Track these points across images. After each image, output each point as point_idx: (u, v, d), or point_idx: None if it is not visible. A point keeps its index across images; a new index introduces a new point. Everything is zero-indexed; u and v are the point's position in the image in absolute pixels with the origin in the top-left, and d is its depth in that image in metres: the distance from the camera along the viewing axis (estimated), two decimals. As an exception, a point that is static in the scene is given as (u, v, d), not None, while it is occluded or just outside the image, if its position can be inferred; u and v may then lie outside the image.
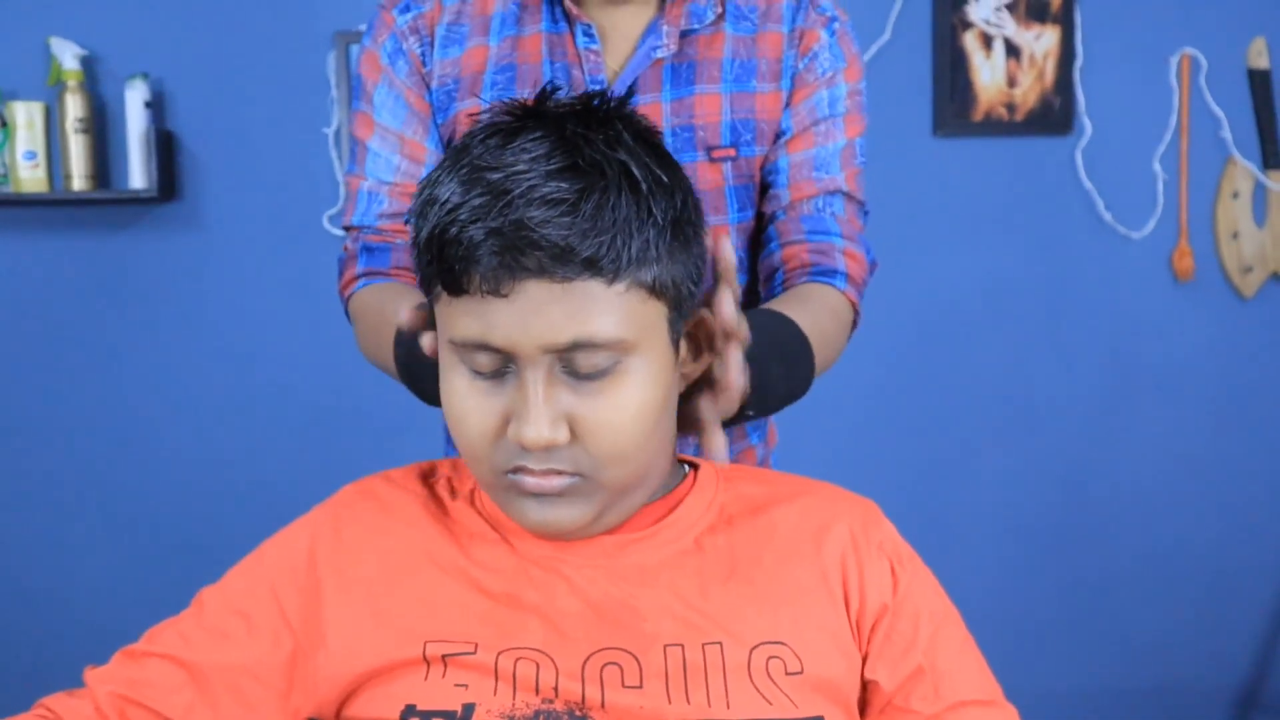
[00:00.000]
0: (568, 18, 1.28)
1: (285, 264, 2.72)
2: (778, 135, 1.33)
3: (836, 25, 1.32)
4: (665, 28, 1.27)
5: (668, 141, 1.26)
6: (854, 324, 1.33)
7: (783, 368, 1.08)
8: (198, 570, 1.18)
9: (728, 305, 0.92)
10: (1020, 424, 2.92)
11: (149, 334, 2.71)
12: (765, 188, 1.35)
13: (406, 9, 1.31)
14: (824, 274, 1.29)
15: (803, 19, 1.31)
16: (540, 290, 0.83)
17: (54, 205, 2.65)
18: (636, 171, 0.85)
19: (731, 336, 0.93)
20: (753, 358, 1.01)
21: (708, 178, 1.32)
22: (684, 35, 1.29)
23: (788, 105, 1.32)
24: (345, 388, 2.75)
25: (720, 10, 1.30)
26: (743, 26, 1.31)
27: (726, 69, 1.30)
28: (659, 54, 1.28)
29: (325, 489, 1.06)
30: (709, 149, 1.30)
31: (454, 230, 0.83)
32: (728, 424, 1.07)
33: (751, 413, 1.06)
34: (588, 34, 1.27)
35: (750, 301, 1.37)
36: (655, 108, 1.29)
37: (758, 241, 1.38)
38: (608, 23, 1.29)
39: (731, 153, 1.31)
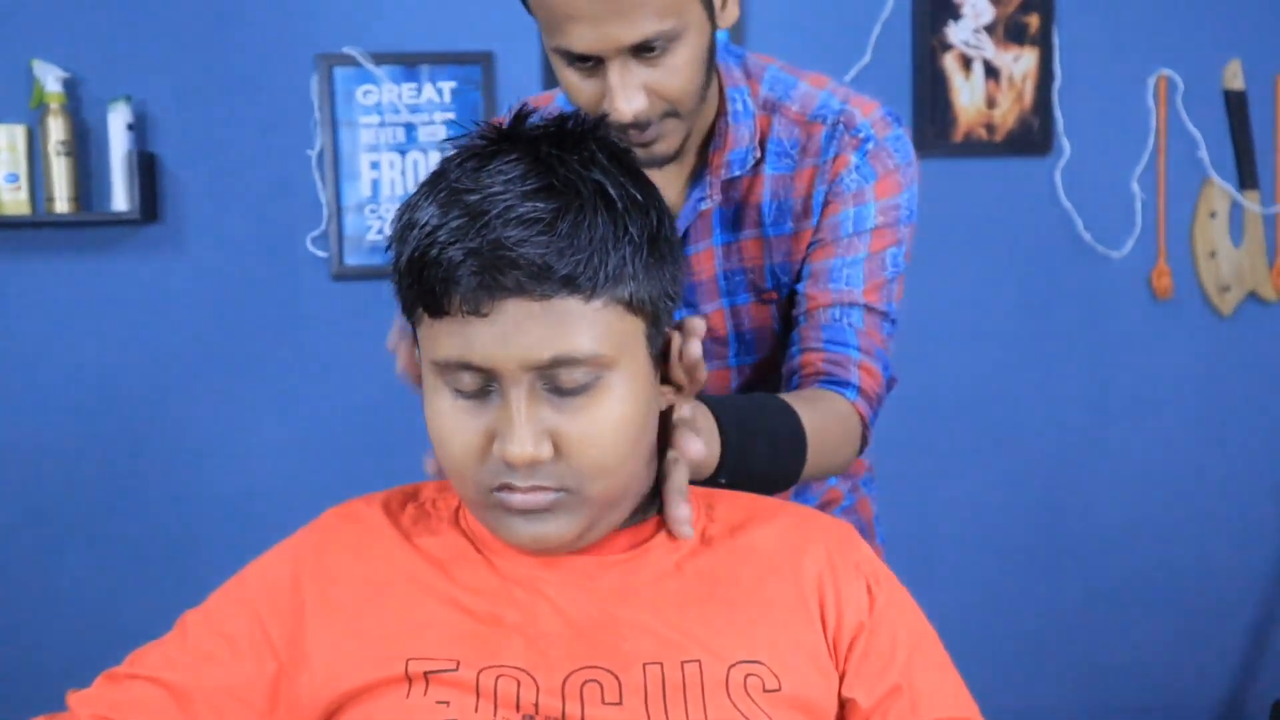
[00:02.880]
0: None
1: (268, 286, 2.71)
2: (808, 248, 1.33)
3: (870, 146, 1.29)
4: (709, 178, 1.30)
5: (721, 285, 1.33)
6: (864, 439, 1.32)
7: (769, 449, 1.11)
8: (181, 592, 1.18)
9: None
10: (1000, 443, 2.93)
11: (130, 356, 2.70)
12: (793, 294, 1.36)
13: None
14: (836, 384, 1.29)
15: (835, 147, 1.30)
16: (519, 309, 0.84)
17: (36, 227, 2.64)
18: (612, 190, 0.87)
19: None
20: (737, 429, 1.05)
21: (758, 318, 1.36)
22: (726, 182, 1.31)
23: (817, 223, 1.32)
24: (330, 410, 2.74)
25: (759, 155, 1.31)
26: (782, 164, 1.31)
27: (766, 213, 1.32)
28: (704, 205, 1.31)
29: (311, 510, 1.06)
30: (758, 291, 1.35)
31: (433, 252, 0.84)
32: (700, 481, 1.08)
33: (724, 481, 1.08)
34: None
35: None
36: (709, 253, 1.33)
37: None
38: (655, 176, 1.31)
39: (775, 295, 1.35)
